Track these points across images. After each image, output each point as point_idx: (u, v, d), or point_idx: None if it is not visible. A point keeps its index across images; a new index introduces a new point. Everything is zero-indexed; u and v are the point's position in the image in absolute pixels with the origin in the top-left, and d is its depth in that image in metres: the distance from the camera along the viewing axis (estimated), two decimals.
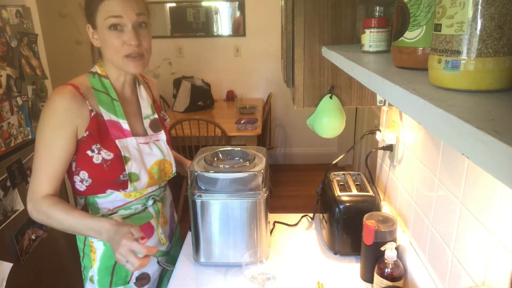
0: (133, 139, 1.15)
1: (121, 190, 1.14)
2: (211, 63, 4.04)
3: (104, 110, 1.12)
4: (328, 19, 1.10)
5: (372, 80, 0.59)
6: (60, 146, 1.06)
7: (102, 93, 1.14)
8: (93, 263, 1.17)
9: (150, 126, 1.23)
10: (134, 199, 1.18)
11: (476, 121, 0.32)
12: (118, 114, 1.14)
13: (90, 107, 1.10)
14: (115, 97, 1.15)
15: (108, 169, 1.10)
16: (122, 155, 1.11)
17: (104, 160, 1.10)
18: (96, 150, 1.10)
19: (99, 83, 1.14)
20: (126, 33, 1.06)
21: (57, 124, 1.06)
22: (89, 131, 1.09)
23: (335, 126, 1.17)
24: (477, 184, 0.75)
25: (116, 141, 1.11)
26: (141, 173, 1.15)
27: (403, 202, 1.18)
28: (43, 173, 1.07)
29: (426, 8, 0.55)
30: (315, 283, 1.11)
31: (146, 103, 1.25)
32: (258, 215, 1.15)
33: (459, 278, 0.83)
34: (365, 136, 1.43)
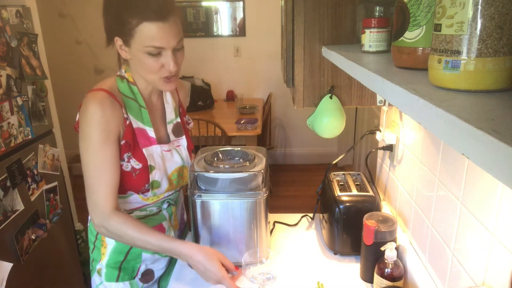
0: (158, 147, 1.15)
1: (140, 193, 1.15)
2: (211, 63, 4.04)
3: (133, 118, 1.11)
4: (328, 19, 1.10)
5: (372, 80, 0.59)
6: (112, 156, 1.05)
7: (131, 100, 1.12)
8: (102, 257, 1.19)
9: (173, 131, 1.22)
10: (151, 202, 1.19)
11: (476, 121, 0.32)
12: (145, 121, 1.13)
13: (126, 114, 1.09)
14: (143, 105, 1.13)
15: (136, 178, 1.11)
16: (149, 165, 1.11)
17: (133, 169, 1.10)
18: (126, 159, 1.10)
19: (128, 89, 1.12)
20: (164, 57, 1.02)
21: (105, 136, 1.04)
22: (125, 140, 1.08)
23: (335, 126, 1.17)
24: (477, 184, 0.75)
25: (143, 149, 1.11)
26: (162, 180, 1.16)
27: (403, 202, 1.18)
28: (103, 187, 1.05)
29: (426, 8, 0.55)
30: (315, 283, 1.11)
31: (171, 107, 1.23)
32: (258, 215, 1.15)
33: (459, 278, 0.83)
34: (365, 136, 1.43)
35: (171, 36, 1.01)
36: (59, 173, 2.15)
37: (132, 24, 0.98)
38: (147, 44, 0.99)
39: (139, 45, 1.01)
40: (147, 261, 1.21)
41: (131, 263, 1.19)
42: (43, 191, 2.02)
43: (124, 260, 1.18)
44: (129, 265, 1.19)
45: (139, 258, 1.20)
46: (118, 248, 1.17)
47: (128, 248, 1.18)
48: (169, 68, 1.03)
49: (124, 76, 1.13)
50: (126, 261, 1.18)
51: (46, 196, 2.04)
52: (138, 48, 1.01)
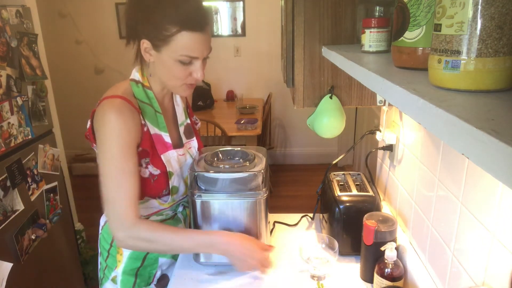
0: (174, 152, 1.14)
1: (158, 199, 1.14)
2: (211, 63, 4.02)
3: (149, 124, 1.08)
4: (328, 19, 1.10)
5: (372, 80, 0.59)
6: (133, 165, 1.02)
7: (147, 105, 1.09)
8: (118, 264, 1.17)
9: (184, 133, 1.22)
10: (168, 206, 1.18)
11: (476, 121, 0.32)
12: (161, 127, 1.11)
13: (143, 121, 1.07)
14: (158, 110, 1.11)
15: (154, 184, 1.10)
16: (168, 171, 1.10)
17: (151, 175, 1.09)
18: (144, 164, 1.08)
19: (143, 94, 1.09)
20: (194, 66, 1.02)
21: (124, 144, 1.00)
22: (142, 147, 1.06)
23: (335, 126, 1.17)
24: (477, 184, 0.75)
25: (162, 155, 1.10)
26: (180, 185, 1.16)
27: (403, 202, 1.18)
28: (125, 197, 1.01)
29: (426, 8, 0.55)
30: (315, 283, 1.11)
31: (181, 109, 1.22)
32: (258, 215, 1.15)
33: (459, 278, 0.83)
34: (365, 136, 1.43)
35: (205, 47, 1.00)
36: (59, 173, 2.15)
37: (170, 31, 0.95)
38: (182, 53, 0.98)
39: (173, 53, 0.98)
40: (163, 266, 1.21)
41: (147, 269, 1.18)
42: (43, 191, 2.02)
43: (141, 267, 1.17)
44: (146, 271, 1.18)
45: (155, 263, 1.19)
46: (134, 254, 1.16)
47: (145, 254, 1.16)
48: (197, 77, 1.03)
49: (139, 80, 1.09)
50: (142, 267, 1.17)
51: (46, 196, 2.04)
52: (171, 55, 0.98)
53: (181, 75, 1.02)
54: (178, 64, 1.00)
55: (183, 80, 1.04)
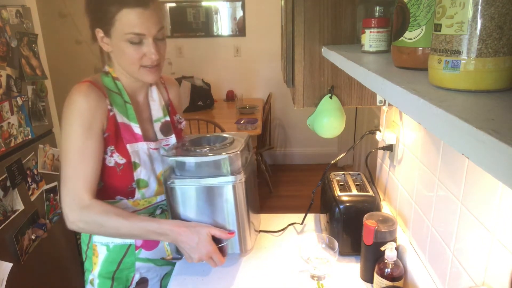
0: (144, 144, 1.12)
1: (129, 198, 1.12)
2: (211, 63, 4.04)
3: (117, 111, 1.08)
4: (328, 19, 1.10)
5: (372, 80, 0.59)
6: (94, 147, 1.02)
7: (116, 94, 1.10)
8: (94, 267, 1.16)
9: (161, 129, 1.19)
10: (143, 208, 1.15)
11: (476, 121, 0.32)
12: (130, 117, 1.10)
13: (110, 106, 1.07)
14: (127, 100, 1.11)
15: (121, 174, 1.08)
16: (132, 161, 1.08)
17: (117, 163, 1.07)
18: (109, 152, 1.07)
19: (113, 84, 1.11)
20: (146, 46, 1.02)
21: (86, 126, 1.01)
22: (108, 132, 1.06)
23: (335, 126, 1.17)
24: (477, 184, 0.75)
25: (127, 145, 1.08)
26: (150, 179, 1.13)
27: (403, 202, 1.18)
28: (81, 179, 1.01)
29: (426, 8, 0.55)
30: (315, 283, 1.11)
31: (158, 105, 1.20)
32: (236, 200, 1.09)
33: (459, 278, 0.83)
34: (365, 136, 1.43)
35: (151, 23, 1.00)
36: (59, 173, 2.15)
37: (112, 12, 0.98)
38: (127, 31, 0.98)
39: (119, 33, 0.99)
40: (141, 269, 1.18)
41: (124, 273, 1.16)
42: (43, 191, 2.02)
43: (117, 270, 1.15)
44: (123, 274, 1.16)
45: (132, 267, 1.16)
46: (110, 257, 1.14)
47: (121, 257, 1.15)
48: (150, 57, 1.02)
49: (109, 71, 1.11)
50: (119, 271, 1.15)
51: (46, 196, 2.04)
52: (119, 36, 1.00)
53: (134, 56, 1.02)
54: (128, 45, 1.00)
55: (138, 62, 1.03)
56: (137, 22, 0.98)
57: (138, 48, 1.01)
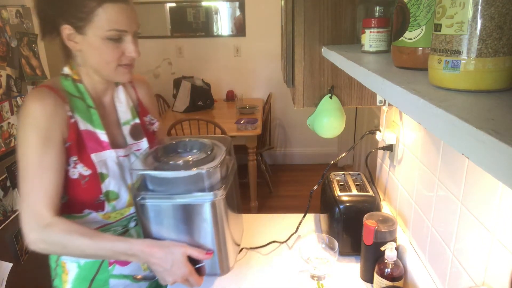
0: (112, 151, 1.02)
1: (99, 211, 1.02)
2: (211, 63, 4.04)
3: (80, 118, 0.98)
4: (328, 19, 1.10)
5: (372, 80, 0.59)
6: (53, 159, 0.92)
7: (77, 99, 0.99)
8: (64, 285, 1.07)
9: (131, 133, 1.09)
10: (114, 221, 1.06)
11: (476, 121, 0.32)
12: (95, 124, 1.00)
13: (70, 112, 0.97)
14: (91, 104, 1.01)
15: (86, 186, 0.98)
16: (98, 172, 0.98)
17: (81, 175, 0.97)
18: (72, 164, 0.97)
19: (73, 87, 1.00)
20: (125, 43, 0.95)
21: (43, 136, 0.91)
22: (69, 141, 0.96)
23: (335, 126, 1.17)
24: (477, 184, 0.75)
25: (92, 155, 0.98)
26: (120, 190, 1.03)
27: (403, 202, 1.18)
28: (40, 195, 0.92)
29: (426, 8, 0.55)
30: (315, 283, 1.11)
31: (125, 106, 1.10)
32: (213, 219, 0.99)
33: (459, 278, 0.83)
34: (365, 136, 1.43)
35: (132, 19, 0.95)
36: None
37: (90, 6, 0.89)
38: (109, 28, 0.91)
39: (99, 30, 0.91)
40: (117, 287, 1.09)
41: None
42: None
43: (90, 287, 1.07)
44: None
45: (106, 285, 1.07)
46: (81, 275, 1.06)
47: (93, 275, 1.06)
48: (130, 54, 0.96)
49: (69, 74, 1.01)
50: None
51: None
52: (98, 33, 0.91)
53: (113, 55, 0.94)
54: (107, 42, 0.93)
55: (117, 61, 0.96)
56: (120, 17, 0.92)
57: (117, 45, 0.94)
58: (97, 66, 0.98)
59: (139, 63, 4.35)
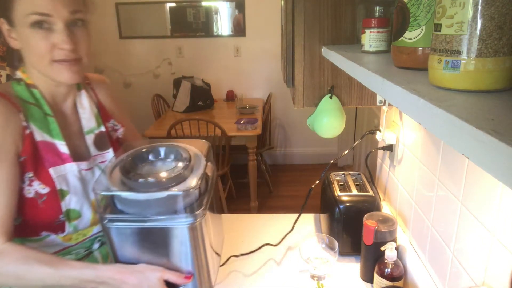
0: (74, 165, 0.91)
1: (59, 232, 0.91)
2: (211, 63, 4.04)
3: (36, 128, 0.87)
4: (328, 19, 1.10)
5: (372, 80, 0.59)
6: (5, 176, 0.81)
7: (33, 106, 0.88)
8: None
9: (95, 143, 0.99)
10: (76, 243, 0.95)
11: (476, 121, 0.32)
12: (54, 134, 0.89)
13: (25, 122, 0.86)
14: (48, 112, 0.90)
15: (43, 206, 0.87)
16: (58, 189, 0.88)
17: (38, 194, 0.87)
18: (27, 180, 0.86)
19: (27, 93, 0.89)
20: (56, 33, 0.82)
21: None
22: (23, 155, 0.85)
23: (335, 126, 1.17)
24: (477, 184, 0.75)
25: (50, 169, 0.88)
26: (83, 208, 0.93)
27: (403, 202, 1.18)
28: None
29: (426, 8, 0.55)
30: (315, 283, 1.11)
31: (89, 113, 0.99)
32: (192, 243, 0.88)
33: (459, 278, 0.83)
34: (365, 136, 1.43)
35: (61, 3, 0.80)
36: None
37: None
38: (29, 12, 0.79)
39: (21, 16, 0.80)
40: None
41: None
42: None
43: None
44: None
45: None
46: None
47: None
48: (61, 46, 0.82)
49: (21, 78, 0.90)
50: None
51: None
52: (21, 21, 0.80)
53: (42, 46, 0.82)
54: (34, 32, 0.80)
55: (48, 55, 0.83)
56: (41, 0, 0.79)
57: (46, 36, 0.81)
58: (32, 63, 0.87)
59: (139, 63, 4.30)
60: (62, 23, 0.82)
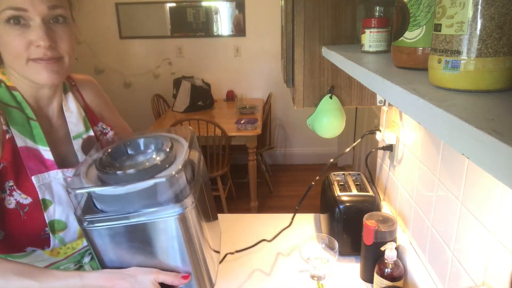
0: (59, 172, 0.85)
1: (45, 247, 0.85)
2: (211, 63, 4.04)
3: (17, 133, 0.81)
4: (328, 19, 1.10)
5: (372, 80, 0.59)
6: None
7: (14, 109, 0.82)
8: None
9: (83, 148, 0.92)
10: (65, 257, 0.89)
11: (476, 121, 0.32)
12: (37, 139, 0.83)
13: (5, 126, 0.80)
14: (31, 116, 0.84)
15: (26, 218, 0.81)
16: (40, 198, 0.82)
17: (19, 204, 0.80)
18: (7, 190, 0.79)
19: (8, 95, 0.83)
20: (33, 29, 0.76)
21: None
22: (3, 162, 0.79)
23: (335, 126, 1.17)
24: (477, 184, 0.75)
25: (33, 177, 0.81)
26: (69, 219, 0.86)
27: (403, 202, 1.18)
28: None
29: (426, 8, 0.55)
30: (315, 283, 1.11)
31: (76, 117, 0.93)
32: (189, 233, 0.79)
33: (459, 278, 0.83)
34: (365, 136, 1.43)
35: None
36: None
37: None
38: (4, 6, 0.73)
39: None
40: None
41: None
42: None
43: None
44: None
45: None
46: None
47: None
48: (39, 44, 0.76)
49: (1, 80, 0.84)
50: None
51: None
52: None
53: (18, 44, 0.76)
54: (8, 28, 0.75)
55: (25, 53, 0.77)
56: None
57: (22, 32, 0.76)
58: (9, 62, 0.81)
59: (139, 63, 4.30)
60: (39, 19, 0.76)
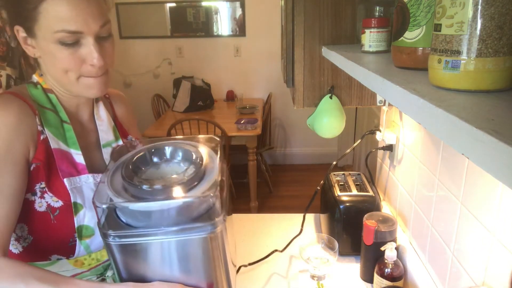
0: (90, 176, 0.83)
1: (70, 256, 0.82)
2: (211, 63, 4.04)
3: (51, 134, 0.80)
4: (328, 19, 1.10)
5: (372, 80, 0.59)
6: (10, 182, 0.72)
7: (49, 111, 0.81)
8: None
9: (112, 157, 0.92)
10: (88, 269, 0.86)
11: (476, 121, 0.32)
12: (70, 142, 0.82)
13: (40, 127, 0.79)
14: (65, 119, 0.83)
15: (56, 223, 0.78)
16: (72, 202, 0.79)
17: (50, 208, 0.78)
18: (38, 192, 0.77)
19: (44, 97, 0.82)
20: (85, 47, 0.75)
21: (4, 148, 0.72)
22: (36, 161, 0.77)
23: (335, 126, 1.17)
24: (477, 184, 0.75)
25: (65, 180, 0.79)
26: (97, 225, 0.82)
27: (403, 202, 1.18)
28: None
29: (426, 8, 0.55)
30: (315, 283, 1.11)
31: (106, 125, 0.93)
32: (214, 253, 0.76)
33: (459, 278, 0.83)
34: (365, 136, 1.43)
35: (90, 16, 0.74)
36: None
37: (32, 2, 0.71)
38: (57, 29, 0.72)
39: (47, 32, 0.73)
40: None
41: None
42: None
43: None
44: None
45: None
46: None
47: None
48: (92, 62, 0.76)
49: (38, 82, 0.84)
50: None
51: None
52: (47, 36, 0.74)
53: (70, 63, 0.75)
54: (60, 48, 0.74)
55: (77, 71, 0.77)
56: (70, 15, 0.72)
57: (74, 51, 0.75)
58: (56, 77, 0.81)
59: (140, 63, 4.31)
60: (92, 38, 0.76)
